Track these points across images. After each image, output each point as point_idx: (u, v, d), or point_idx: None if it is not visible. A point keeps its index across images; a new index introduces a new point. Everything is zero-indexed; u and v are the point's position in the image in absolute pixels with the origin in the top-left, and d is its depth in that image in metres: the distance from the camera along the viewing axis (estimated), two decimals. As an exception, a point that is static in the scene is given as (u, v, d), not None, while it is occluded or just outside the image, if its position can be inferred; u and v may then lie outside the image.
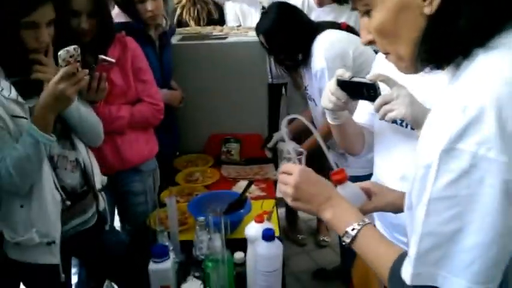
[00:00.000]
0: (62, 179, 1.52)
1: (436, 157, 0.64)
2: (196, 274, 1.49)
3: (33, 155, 1.34)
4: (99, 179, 1.69)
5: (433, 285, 0.69)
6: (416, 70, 0.77)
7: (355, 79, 1.23)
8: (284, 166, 1.05)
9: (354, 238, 0.89)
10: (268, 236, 1.27)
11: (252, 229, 1.42)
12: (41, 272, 1.48)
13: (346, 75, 1.25)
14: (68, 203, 1.51)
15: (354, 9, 0.86)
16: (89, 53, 1.65)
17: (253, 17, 3.21)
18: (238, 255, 1.51)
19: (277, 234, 1.74)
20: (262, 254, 1.28)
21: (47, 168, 1.44)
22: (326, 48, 1.98)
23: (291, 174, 1.00)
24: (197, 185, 2.22)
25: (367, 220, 0.91)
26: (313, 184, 0.99)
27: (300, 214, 3.28)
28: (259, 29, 2.12)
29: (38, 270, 1.47)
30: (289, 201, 1.01)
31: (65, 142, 1.56)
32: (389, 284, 0.80)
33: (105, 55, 1.73)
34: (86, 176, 1.61)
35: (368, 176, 2.26)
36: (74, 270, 2.22)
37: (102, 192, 1.71)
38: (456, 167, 0.62)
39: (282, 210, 3.23)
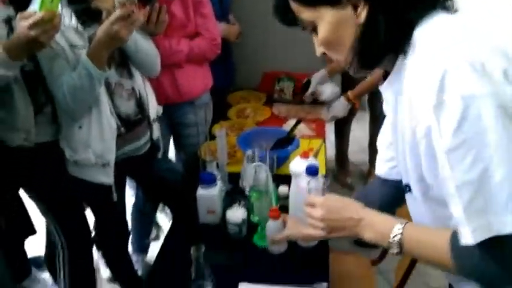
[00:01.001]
0: (118, 106, 1.61)
1: (432, 116, 0.71)
2: (242, 203, 1.56)
3: (87, 85, 1.42)
4: (154, 109, 1.76)
5: (495, 236, 0.70)
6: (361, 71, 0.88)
7: None
8: (307, 199, 1.06)
9: (400, 245, 0.86)
10: (311, 170, 1.29)
11: (297, 164, 1.45)
12: (96, 190, 1.62)
13: None
14: (123, 129, 1.59)
15: (303, 28, 0.89)
16: None
17: None
18: (283, 188, 1.56)
19: (323, 172, 1.78)
20: (304, 188, 1.31)
21: (103, 94, 1.53)
22: None
23: (315, 207, 1.01)
24: (248, 121, 2.26)
25: (402, 222, 0.88)
26: (339, 211, 0.98)
27: (351, 157, 3.26)
28: None
29: (93, 188, 1.61)
30: (322, 235, 1.02)
31: (122, 70, 1.63)
32: (457, 262, 0.78)
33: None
34: (140, 105, 1.69)
35: None
36: (132, 192, 2.40)
37: (156, 122, 1.79)
38: (452, 115, 0.68)
39: (333, 153, 3.24)
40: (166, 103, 2.01)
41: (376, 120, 2.90)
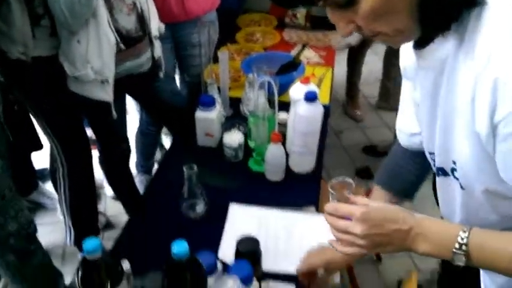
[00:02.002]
0: (118, 21, 1.54)
1: None
2: (241, 128, 1.55)
3: None
4: (155, 26, 1.69)
5: None
6: (412, 38, 0.72)
7: None
8: (335, 208, 0.81)
9: (467, 256, 0.71)
10: (309, 97, 1.25)
11: (296, 90, 1.40)
12: (96, 107, 1.61)
13: None
14: (122, 45, 1.55)
15: (326, 3, 0.67)
16: None
17: None
18: (282, 115, 1.52)
19: (326, 101, 1.74)
20: (301, 114, 1.28)
21: (102, 8, 1.46)
22: None
23: (349, 220, 0.79)
24: (256, 45, 2.18)
25: (465, 228, 0.72)
26: (382, 224, 0.77)
27: (362, 89, 3.18)
28: None
29: (93, 104, 1.60)
30: (363, 252, 0.80)
31: (122, -16, 1.55)
32: None
33: None
34: (142, 21, 1.62)
35: None
36: (138, 116, 2.40)
37: (158, 40, 1.73)
38: None
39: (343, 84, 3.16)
40: (171, 21, 1.94)
41: (392, 52, 2.78)
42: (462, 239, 0.71)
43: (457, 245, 0.71)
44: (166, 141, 2.70)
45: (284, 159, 1.36)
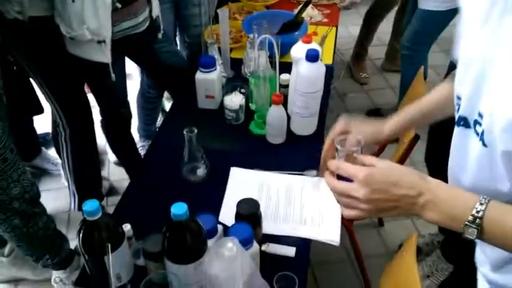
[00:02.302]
0: None
1: None
2: (243, 90, 1.51)
3: None
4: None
5: None
6: None
7: None
8: (337, 166, 0.75)
9: (480, 231, 0.65)
10: (311, 56, 1.20)
11: (298, 49, 1.36)
12: (94, 68, 1.57)
13: None
14: (118, 4, 1.49)
15: None
16: None
17: None
18: (284, 76, 1.49)
19: (329, 61, 1.69)
20: (302, 74, 1.24)
21: None
22: None
23: (352, 182, 0.72)
24: (258, 4, 2.11)
25: (483, 199, 0.66)
26: (388, 188, 0.70)
27: (371, 51, 3.10)
28: None
29: (91, 66, 1.56)
30: (366, 215, 0.75)
31: None
32: None
33: None
34: (138, -22, 1.56)
35: (446, 12, 2.03)
36: (139, 79, 2.35)
37: (155, -1, 1.66)
38: None
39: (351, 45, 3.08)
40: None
41: (402, 15, 2.68)
42: (478, 212, 0.65)
43: (471, 218, 0.65)
44: (168, 106, 2.67)
45: (285, 121, 1.33)
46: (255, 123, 1.41)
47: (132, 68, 2.34)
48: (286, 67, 1.48)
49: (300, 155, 1.33)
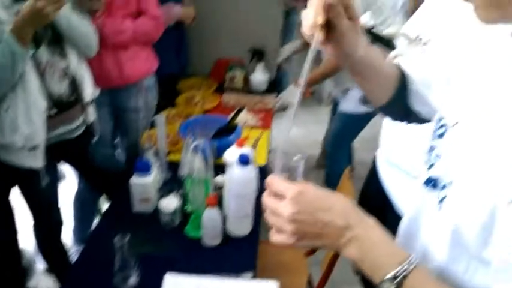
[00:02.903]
0: (49, 86, 1.53)
1: None
2: (180, 192, 1.53)
3: (9, 63, 1.34)
4: (89, 91, 1.69)
5: None
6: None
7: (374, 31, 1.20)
8: (271, 184, 0.67)
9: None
10: (242, 160, 1.27)
11: (231, 153, 1.42)
12: (25, 175, 1.54)
13: (369, 23, 1.19)
14: (53, 111, 1.52)
15: None
16: None
17: None
18: (219, 178, 1.53)
19: (262, 162, 1.77)
20: (235, 177, 1.29)
21: (32, 74, 1.45)
22: None
23: (283, 199, 0.65)
24: (195, 109, 2.22)
25: (413, 259, 0.60)
26: (316, 210, 0.63)
27: (307, 150, 3.27)
28: None
29: (22, 172, 1.53)
30: (289, 242, 0.65)
31: (54, 49, 1.55)
32: None
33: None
34: (74, 86, 1.62)
35: (363, 114, 2.23)
36: (77, 181, 2.31)
37: (92, 105, 1.72)
38: None
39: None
40: (109, 86, 1.95)
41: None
42: (404, 270, 0.59)
43: (393, 273, 0.59)
44: (105, 207, 2.60)
45: (220, 223, 1.35)
46: (191, 226, 1.41)
47: (68, 170, 2.30)
48: (221, 169, 1.54)
49: (236, 255, 1.32)
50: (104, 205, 2.59)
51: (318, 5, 0.66)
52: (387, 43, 1.17)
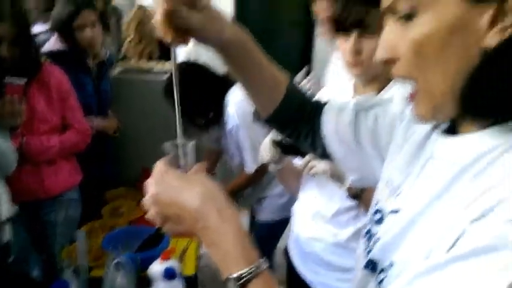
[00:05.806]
0: None
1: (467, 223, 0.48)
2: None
3: None
4: (6, 209, 1.61)
5: None
6: (439, 118, 0.58)
7: (287, 141, 1.31)
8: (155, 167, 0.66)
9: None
10: (167, 274, 1.24)
11: (156, 267, 1.39)
12: None
13: (279, 137, 1.31)
14: None
15: (388, 10, 0.55)
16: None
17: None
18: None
19: (192, 272, 1.72)
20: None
21: None
22: (237, 104, 1.95)
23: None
24: (120, 220, 2.16)
25: (262, 263, 0.59)
26: (175, 193, 0.61)
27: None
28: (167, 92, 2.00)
29: None
30: (156, 221, 0.64)
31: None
32: None
33: (29, 83, 1.72)
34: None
35: (280, 221, 2.25)
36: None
37: (8, 224, 1.62)
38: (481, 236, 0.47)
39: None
40: (29, 200, 1.87)
41: None
42: (250, 273, 0.57)
43: (237, 274, 0.57)
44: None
45: None
46: None
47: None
48: (147, 283, 1.47)
49: None
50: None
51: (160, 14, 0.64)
52: (297, 151, 1.27)
